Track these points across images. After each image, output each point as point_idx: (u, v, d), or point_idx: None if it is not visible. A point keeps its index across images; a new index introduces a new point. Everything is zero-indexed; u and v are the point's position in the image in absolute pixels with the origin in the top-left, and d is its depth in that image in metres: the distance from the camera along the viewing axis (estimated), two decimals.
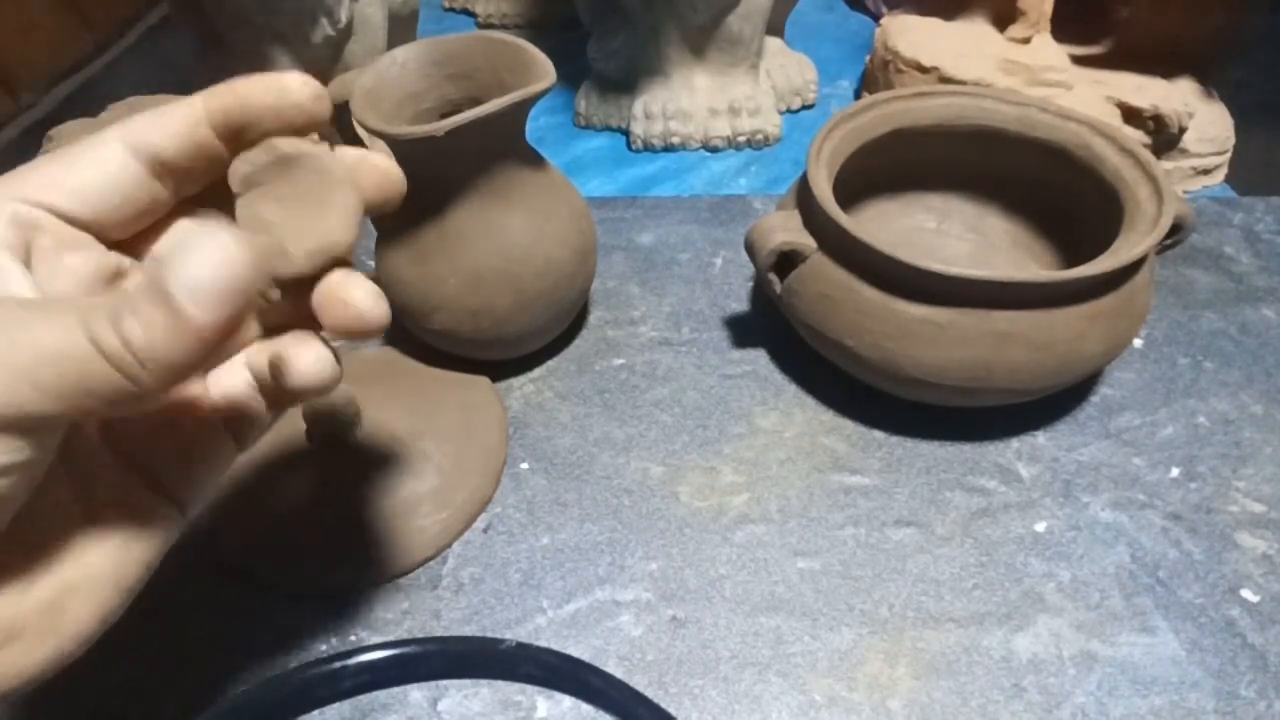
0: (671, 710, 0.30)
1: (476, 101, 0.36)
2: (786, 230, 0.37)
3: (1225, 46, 0.54)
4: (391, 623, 0.33)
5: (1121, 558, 0.34)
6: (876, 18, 0.76)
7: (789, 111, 0.65)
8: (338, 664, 0.31)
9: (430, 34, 0.39)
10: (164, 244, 0.21)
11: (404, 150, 0.35)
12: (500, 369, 0.43)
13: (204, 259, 0.15)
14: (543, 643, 0.32)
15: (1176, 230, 0.36)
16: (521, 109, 0.34)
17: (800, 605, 0.33)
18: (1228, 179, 0.56)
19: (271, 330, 0.21)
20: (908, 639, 0.32)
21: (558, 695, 0.31)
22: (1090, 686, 0.30)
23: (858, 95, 0.67)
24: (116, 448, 0.20)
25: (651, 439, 0.40)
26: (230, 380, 0.21)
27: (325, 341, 0.21)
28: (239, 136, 0.19)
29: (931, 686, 0.31)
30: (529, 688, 0.31)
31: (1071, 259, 0.41)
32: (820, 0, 0.80)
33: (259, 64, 0.57)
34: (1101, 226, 0.37)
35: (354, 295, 0.20)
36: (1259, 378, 0.41)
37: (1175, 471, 0.37)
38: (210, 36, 0.58)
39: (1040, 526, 0.35)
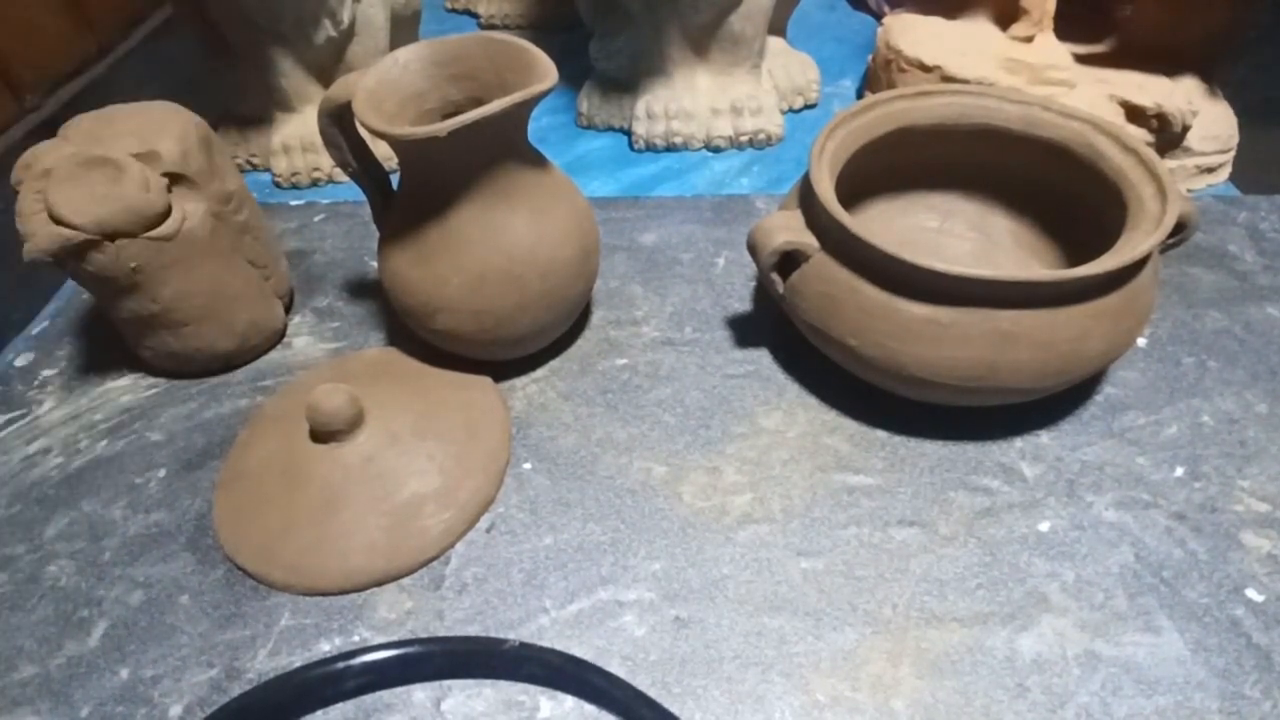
0: (675, 710, 0.30)
1: (479, 102, 0.36)
2: (789, 230, 0.37)
3: (1228, 45, 0.54)
4: (395, 623, 0.33)
5: (1125, 557, 0.34)
6: (879, 17, 0.76)
7: (791, 111, 0.65)
8: (341, 664, 0.31)
9: (432, 34, 0.39)
10: None
11: (407, 151, 0.35)
12: (503, 369, 0.43)
13: None
14: (546, 643, 0.32)
15: (1180, 229, 0.36)
16: (524, 109, 0.34)
17: (803, 605, 0.33)
18: (1231, 177, 0.55)
19: None
20: (911, 639, 0.32)
21: (561, 695, 0.31)
22: (1094, 686, 0.30)
23: (860, 94, 0.67)
24: None
25: (654, 439, 0.40)
26: None
27: None
28: None
29: (935, 686, 0.31)
30: (532, 688, 0.31)
31: (1075, 258, 0.41)
32: None
33: (262, 65, 0.57)
34: (1105, 225, 0.37)
35: None
36: (1263, 376, 0.41)
37: (1179, 471, 0.37)
38: (213, 38, 0.58)
39: (1044, 526, 0.35)
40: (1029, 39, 0.55)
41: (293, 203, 0.57)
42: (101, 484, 0.39)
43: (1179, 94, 0.52)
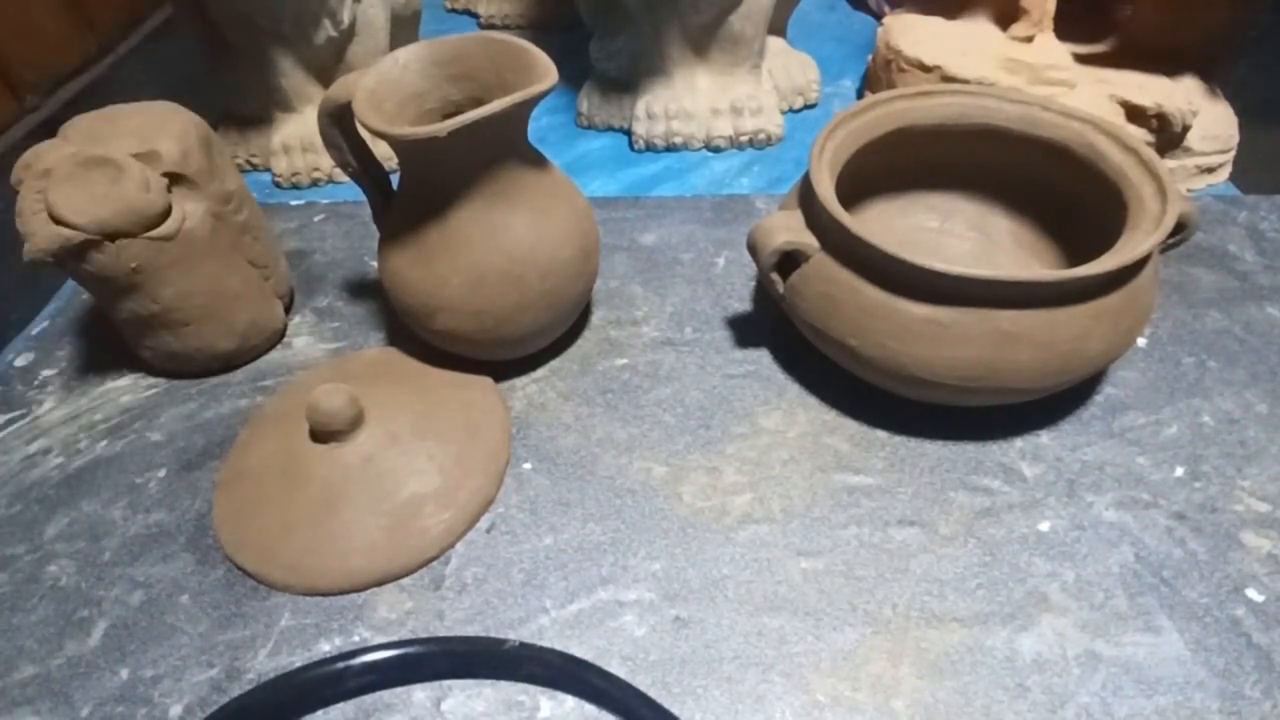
0: (675, 710, 0.30)
1: (479, 102, 0.36)
2: (789, 230, 0.37)
3: (1228, 44, 0.54)
4: (395, 623, 0.33)
5: (1126, 557, 0.34)
6: (879, 17, 0.76)
7: (791, 111, 0.65)
8: (341, 664, 0.31)
9: (433, 35, 0.39)
10: None
11: (407, 151, 0.35)
12: (503, 369, 0.43)
13: None
14: (546, 643, 0.32)
15: (1180, 229, 0.36)
16: (524, 109, 0.34)
17: (803, 605, 0.33)
18: (1232, 177, 0.55)
19: None
20: (911, 639, 0.32)
21: (561, 695, 0.31)
22: (1095, 686, 0.30)
23: (860, 94, 0.67)
24: None
25: (654, 439, 0.40)
26: None
27: None
28: None
29: (935, 686, 0.31)
30: (532, 688, 0.31)
31: (1075, 258, 0.41)
32: None
33: (262, 65, 0.57)
34: (1105, 225, 0.37)
35: None
36: (1264, 376, 0.41)
37: (1180, 471, 0.37)
38: (213, 38, 0.58)
39: (1044, 526, 0.35)
40: (1029, 39, 0.55)
41: (293, 203, 0.57)
42: (101, 484, 0.39)
43: (1179, 94, 0.52)
